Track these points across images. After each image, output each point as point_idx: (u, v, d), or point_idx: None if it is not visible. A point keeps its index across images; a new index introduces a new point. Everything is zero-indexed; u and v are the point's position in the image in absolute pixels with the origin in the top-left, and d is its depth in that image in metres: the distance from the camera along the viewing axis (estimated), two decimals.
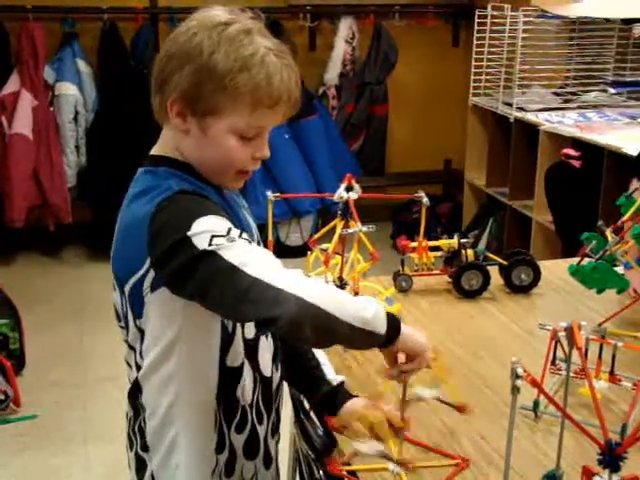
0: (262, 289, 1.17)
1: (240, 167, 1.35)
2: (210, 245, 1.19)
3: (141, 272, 1.28)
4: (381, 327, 1.23)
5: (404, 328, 1.27)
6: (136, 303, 1.33)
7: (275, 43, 1.32)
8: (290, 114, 1.37)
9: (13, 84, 4.56)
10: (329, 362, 1.59)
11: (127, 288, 1.33)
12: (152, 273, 1.27)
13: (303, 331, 1.18)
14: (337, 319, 1.19)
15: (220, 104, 1.29)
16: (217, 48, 1.27)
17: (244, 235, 1.24)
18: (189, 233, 1.20)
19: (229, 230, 1.22)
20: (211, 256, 1.19)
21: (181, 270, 1.21)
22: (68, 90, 4.62)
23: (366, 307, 1.23)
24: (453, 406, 1.39)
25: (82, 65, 4.70)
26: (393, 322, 1.26)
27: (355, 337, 1.22)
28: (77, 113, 4.66)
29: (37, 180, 4.62)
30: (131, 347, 1.40)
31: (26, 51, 4.55)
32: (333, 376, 1.56)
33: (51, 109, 4.65)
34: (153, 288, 1.29)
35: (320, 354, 1.60)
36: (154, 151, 1.39)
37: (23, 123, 4.53)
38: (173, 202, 1.26)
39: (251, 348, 1.40)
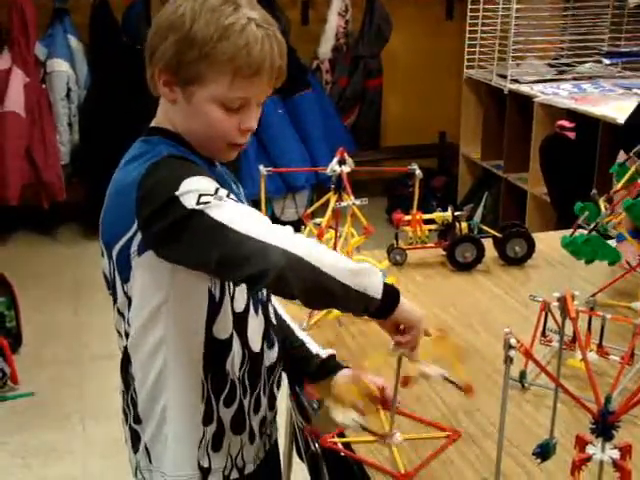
0: (249, 245, 1.17)
1: (228, 139, 1.35)
2: (198, 204, 1.20)
3: (129, 235, 1.29)
4: (376, 289, 1.23)
5: (402, 298, 1.27)
6: (123, 267, 1.34)
7: (261, 14, 1.33)
8: (277, 85, 1.37)
9: (4, 61, 4.52)
10: (313, 339, 1.60)
11: (115, 252, 1.33)
12: (139, 236, 1.28)
13: (291, 285, 1.18)
14: (326, 274, 1.18)
15: (201, 73, 1.30)
16: (198, 18, 1.28)
17: (232, 196, 1.25)
18: (177, 193, 1.21)
19: (217, 189, 1.23)
20: (199, 215, 1.20)
21: (169, 230, 1.22)
22: (60, 67, 4.59)
23: (361, 267, 1.23)
24: (459, 386, 1.38)
25: (73, 41, 4.67)
26: (391, 290, 1.26)
27: (348, 296, 1.21)
28: (69, 90, 4.63)
29: (30, 158, 4.59)
30: (120, 314, 1.40)
31: (17, 28, 4.50)
32: (321, 350, 1.57)
33: (43, 86, 4.63)
34: (140, 252, 1.30)
35: (302, 333, 1.61)
36: (152, 123, 1.41)
37: (15, 101, 4.49)
38: (162, 165, 1.27)
39: (240, 321, 1.40)
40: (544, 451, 1.16)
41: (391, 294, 1.26)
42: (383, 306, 1.25)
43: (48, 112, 4.62)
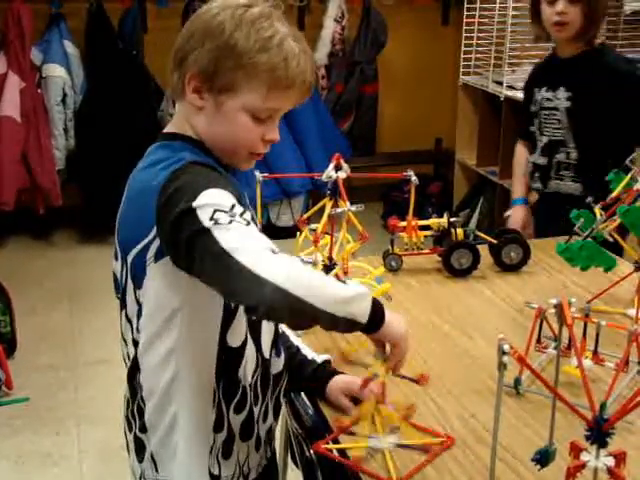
0: (246, 277, 1.16)
1: (251, 148, 1.38)
2: (211, 220, 1.19)
3: (147, 240, 1.29)
4: (363, 316, 1.24)
5: (388, 316, 1.29)
6: (137, 273, 1.33)
7: (292, 30, 1.35)
8: (302, 100, 1.39)
9: (0, 66, 4.52)
10: (308, 345, 1.62)
11: (130, 257, 1.32)
12: (158, 242, 1.28)
13: (282, 318, 1.25)
14: (318, 309, 1.18)
15: (237, 82, 1.31)
16: (239, 28, 1.30)
17: (246, 214, 1.23)
18: (194, 204, 1.20)
19: (232, 206, 1.22)
20: (208, 235, 1.18)
21: (182, 246, 1.22)
22: (55, 72, 4.57)
23: (352, 298, 1.23)
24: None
25: (69, 47, 4.66)
26: (377, 310, 1.27)
27: (336, 324, 1.23)
28: (65, 95, 4.62)
29: (26, 163, 4.58)
30: (129, 321, 1.39)
31: (13, 32, 4.50)
32: (316, 356, 1.59)
33: (39, 91, 4.62)
34: (157, 257, 1.29)
35: (297, 340, 1.63)
36: (168, 129, 1.41)
37: (11, 105, 4.49)
38: (184, 172, 1.27)
39: (255, 328, 1.41)
40: (543, 457, 1.16)
41: (377, 314, 1.27)
42: (368, 327, 1.26)
43: (44, 117, 4.61)
